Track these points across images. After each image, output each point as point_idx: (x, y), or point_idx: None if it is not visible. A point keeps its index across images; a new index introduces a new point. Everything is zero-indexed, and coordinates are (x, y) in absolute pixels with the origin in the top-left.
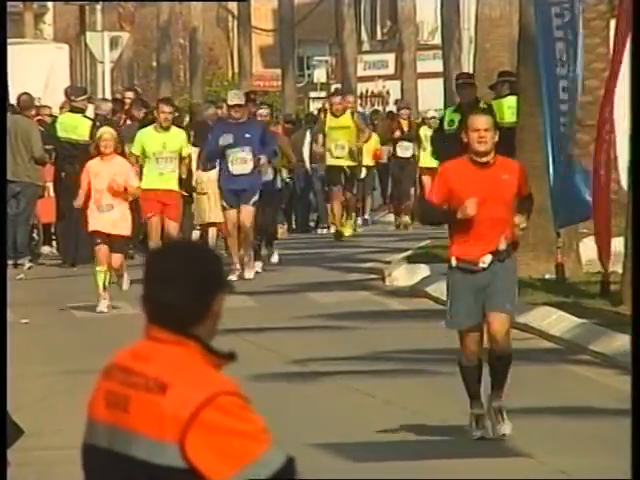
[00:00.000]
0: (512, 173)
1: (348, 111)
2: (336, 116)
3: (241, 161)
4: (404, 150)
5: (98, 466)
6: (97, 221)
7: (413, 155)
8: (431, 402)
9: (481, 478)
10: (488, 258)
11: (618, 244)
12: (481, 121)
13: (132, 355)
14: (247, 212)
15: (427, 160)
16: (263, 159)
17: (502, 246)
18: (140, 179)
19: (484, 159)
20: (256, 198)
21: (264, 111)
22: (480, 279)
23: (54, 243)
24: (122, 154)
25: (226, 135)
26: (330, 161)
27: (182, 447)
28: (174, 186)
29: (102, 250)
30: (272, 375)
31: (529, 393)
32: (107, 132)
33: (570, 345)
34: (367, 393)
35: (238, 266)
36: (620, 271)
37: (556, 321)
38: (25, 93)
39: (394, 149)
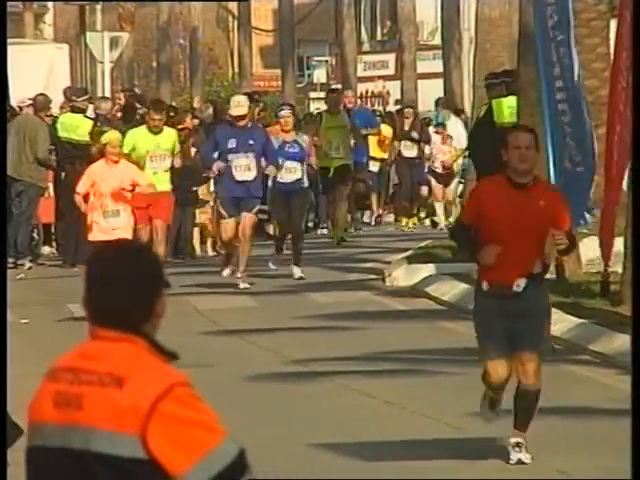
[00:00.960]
0: (550, 200)
1: (344, 109)
2: (332, 114)
3: (245, 168)
4: (409, 150)
5: (50, 466)
6: (100, 230)
7: (418, 155)
8: (431, 402)
9: (481, 478)
10: (522, 282)
11: (618, 244)
12: (523, 138)
13: (79, 355)
14: (248, 219)
15: None
16: (271, 169)
17: (537, 269)
18: None
19: (523, 180)
20: (258, 206)
21: (285, 112)
22: (512, 305)
23: (54, 243)
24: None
25: (229, 140)
26: (324, 162)
27: (143, 438)
28: (166, 186)
29: None
30: (272, 375)
31: None
32: (115, 138)
33: (570, 345)
34: (367, 393)
35: (240, 274)
36: (620, 271)
37: (556, 321)
38: (42, 94)
39: (398, 149)
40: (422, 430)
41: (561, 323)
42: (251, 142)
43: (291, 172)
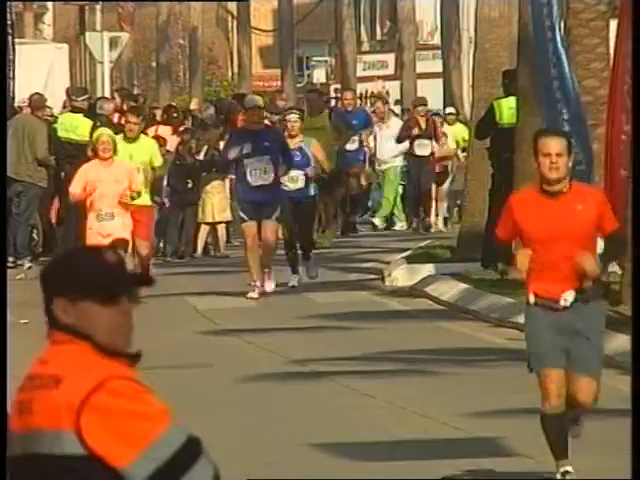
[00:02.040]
0: (589, 203)
1: (326, 110)
2: (311, 115)
3: (261, 172)
4: (423, 148)
5: (18, 475)
6: (94, 234)
7: (432, 153)
8: (430, 402)
9: (481, 478)
10: (570, 295)
11: None
12: (553, 144)
13: (37, 361)
14: (270, 228)
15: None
16: (282, 171)
17: (587, 283)
18: None
19: (556, 188)
20: (278, 212)
21: (293, 116)
22: (563, 318)
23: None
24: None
25: (244, 144)
26: None
27: (79, 433)
28: (145, 200)
29: None
30: (272, 375)
31: (528, 393)
32: (105, 134)
33: None
34: (366, 393)
35: (258, 283)
36: (619, 271)
37: None
38: (37, 93)
39: (411, 147)
40: (422, 430)
41: None
42: (266, 144)
43: (293, 181)
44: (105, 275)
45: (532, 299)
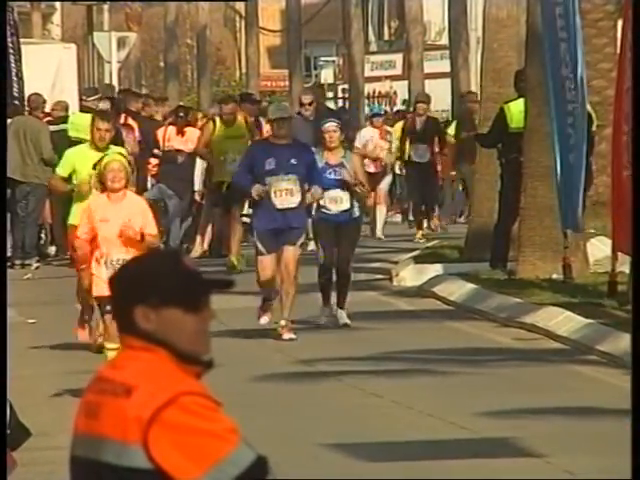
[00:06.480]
0: None
1: (240, 117)
2: (226, 123)
3: (286, 192)
4: (420, 154)
5: (77, 476)
6: (103, 282)
7: (430, 160)
8: (438, 402)
9: (487, 478)
10: None
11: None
12: None
13: (109, 365)
14: (292, 253)
15: None
16: (317, 191)
17: None
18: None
19: None
20: (303, 239)
21: (331, 125)
22: None
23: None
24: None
25: (267, 159)
26: (219, 177)
27: (146, 447)
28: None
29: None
30: (279, 375)
31: (536, 393)
32: (116, 160)
33: (577, 345)
34: (374, 393)
35: (284, 322)
36: (627, 271)
37: (563, 321)
38: (35, 93)
39: (408, 153)
40: (429, 430)
41: (568, 323)
42: (293, 162)
43: (336, 202)
44: (189, 281)
45: None
